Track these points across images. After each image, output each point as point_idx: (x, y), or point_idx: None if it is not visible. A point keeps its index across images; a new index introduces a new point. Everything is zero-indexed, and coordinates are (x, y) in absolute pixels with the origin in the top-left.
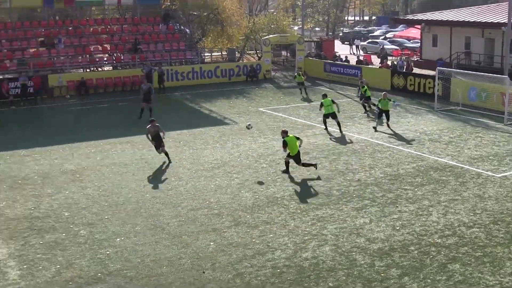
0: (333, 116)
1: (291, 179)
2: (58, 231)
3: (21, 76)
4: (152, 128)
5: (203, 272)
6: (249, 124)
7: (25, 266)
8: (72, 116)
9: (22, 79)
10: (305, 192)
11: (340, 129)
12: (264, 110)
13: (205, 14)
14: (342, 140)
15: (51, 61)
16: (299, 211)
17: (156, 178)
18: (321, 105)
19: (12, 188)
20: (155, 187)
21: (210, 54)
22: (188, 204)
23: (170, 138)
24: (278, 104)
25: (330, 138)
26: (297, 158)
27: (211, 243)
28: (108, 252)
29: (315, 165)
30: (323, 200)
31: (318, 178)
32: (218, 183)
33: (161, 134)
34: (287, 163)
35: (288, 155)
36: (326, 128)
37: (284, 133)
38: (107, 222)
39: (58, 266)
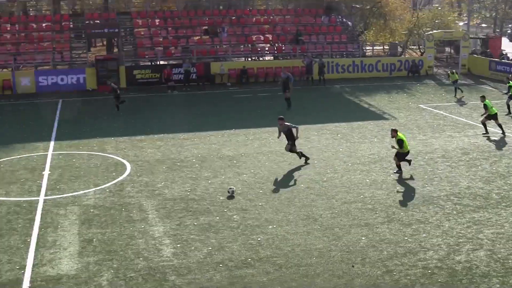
0: (495, 117)
1: (448, 179)
2: (212, 214)
3: (184, 62)
4: (279, 126)
5: (353, 266)
6: (231, 191)
7: (178, 245)
8: (232, 103)
9: (185, 65)
10: (463, 193)
11: (502, 131)
12: (424, 107)
13: (368, 7)
14: (504, 142)
15: (214, 49)
16: (455, 212)
17: (312, 169)
18: (485, 107)
19: (171, 170)
20: (310, 177)
21: (371, 48)
22: (342, 197)
23: (327, 130)
24: (440, 102)
25: (490, 139)
26: (406, 155)
27: (363, 238)
28: (259, 239)
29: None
30: (481, 203)
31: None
32: (374, 178)
33: (294, 131)
34: (399, 166)
35: (400, 155)
36: (486, 132)
37: (395, 131)
38: (260, 209)
39: (210, 248)
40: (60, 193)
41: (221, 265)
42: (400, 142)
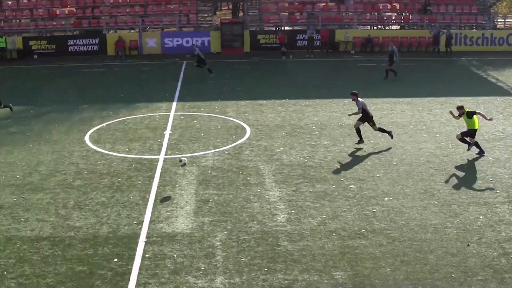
0: None
1: None
2: (328, 182)
3: (309, 29)
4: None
5: (468, 245)
6: (182, 161)
7: (293, 211)
8: (355, 72)
9: (309, 32)
10: None
11: None
12: None
13: None
14: None
15: (340, 17)
16: None
17: (433, 142)
18: None
19: (290, 136)
20: (431, 151)
21: (503, 20)
22: (462, 173)
23: (451, 103)
24: None
25: None
26: (474, 133)
27: (481, 217)
28: (374, 210)
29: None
30: None
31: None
32: (497, 156)
33: (356, 110)
34: (477, 143)
35: (465, 133)
36: None
37: (461, 108)
38: (377, 180)
39: (324, 216)
40: (179, 153)
41: (334, 234)
42: (470, 114)
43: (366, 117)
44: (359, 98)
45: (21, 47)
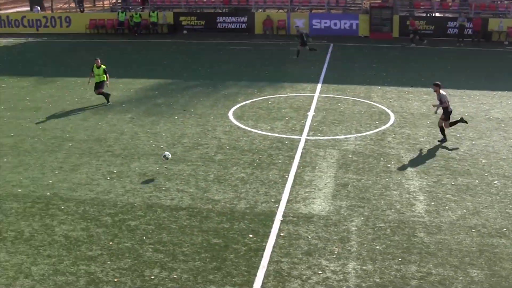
0: None
1: None
2: (472, 176)
3: (460, 16)
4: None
5: None
6: (166, 156)
7: (432, 203)
8: (508, 64)
9: (460, 19)
10: None
11: None
12: None
13: None
14: None
15: (494, 5)
16: None
17: None
18: None
19: (435, 125)
20: None
21: None
22: None
23: None
24: None
25: None
26: None
27: None
28: None
29: None
30: None
31: None
32: None
33: (438, 104)
34: None
35: None
36: None
37: None
38: None
39: (464, 211)
40: (321, 135)
41: (473, 230)
42: None
43: (443, 109)
44: (441, 91)
45: (171, 22)
